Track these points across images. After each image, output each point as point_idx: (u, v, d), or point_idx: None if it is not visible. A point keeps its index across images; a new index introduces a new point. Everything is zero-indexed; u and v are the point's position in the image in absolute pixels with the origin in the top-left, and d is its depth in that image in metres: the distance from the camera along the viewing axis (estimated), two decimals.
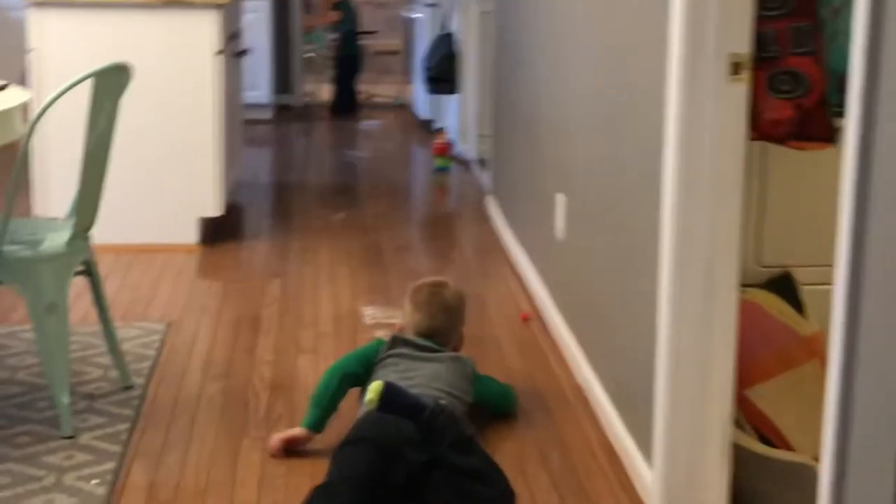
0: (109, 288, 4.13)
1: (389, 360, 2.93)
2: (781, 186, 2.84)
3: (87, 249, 3.04)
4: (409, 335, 3.04)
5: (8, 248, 2.84)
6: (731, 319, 2.47)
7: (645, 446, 2.69)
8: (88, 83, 2.77)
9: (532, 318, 3.90)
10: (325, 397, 2.90)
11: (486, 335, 3.75)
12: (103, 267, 4.35)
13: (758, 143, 2.69)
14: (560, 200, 3.66)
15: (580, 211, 3.44)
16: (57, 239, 2.93)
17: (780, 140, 2.44)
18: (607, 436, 3.00)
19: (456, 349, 3.11)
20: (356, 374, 2.92)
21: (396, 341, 2.98)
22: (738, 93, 2.30)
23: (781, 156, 2.76)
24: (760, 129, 2.40)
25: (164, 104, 4.56)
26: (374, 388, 2.59)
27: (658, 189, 2.51)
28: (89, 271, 3.10)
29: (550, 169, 3.86)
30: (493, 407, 3.10)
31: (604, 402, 3.08)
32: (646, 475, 2.66)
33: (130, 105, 4.43)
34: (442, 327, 3.07)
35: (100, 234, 4.49)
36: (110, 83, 2.82)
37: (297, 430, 2.87)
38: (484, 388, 3.05)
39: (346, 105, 8.34)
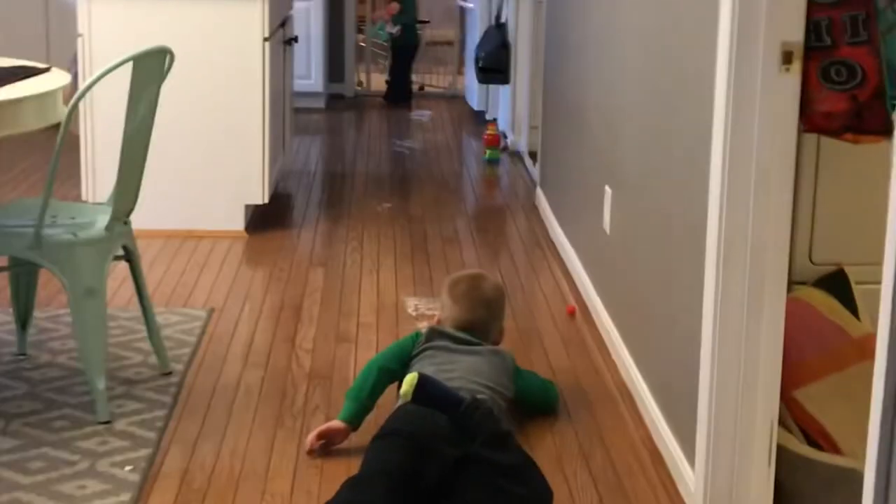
0: (155, 273, 4.13)
1: (427, 353, 2.88)
2: (835, 181, 2.76)
3: (127, 234, 3.02)
4: (448, 328, 2.99)
5: (47, 231, 2.83)
6: (779, 319, 2.39)
7: (688, 447, 2.61)
8: (130, 68, 2.75)
9: (578, 311, 3.83)
10: (361, 393, 2.85)
11: (532, 329, 3.69)
12: (150, 252, 4.36)
13: (811, 136, 2.61)
14: (607, 193, 3.59)
15: (627, 204, 3.37)
16: (96, 223, 2.91)
17: (835, 133, 2.36)
18: (651, 435, 2.93)
19: (496, 343, 3.05)
20: (393, 369, 2.87)
21: (434, 334, 2.93)
22: (789, 83, 2.22)
23: (835, 149, 2.67)
24: (813, 121, 2.32)
25: (212, 91, 4.54)
26: (408, 379, 2.55)
27: (705, 182, 2.44)
28: (129, 256, 3.08)
29: (598, 161, 3.79)
30: (535, 403, 3.04)
31: (648, 399, 3.01)
32: (688, 476, 2.59)
33: (178, 91, 4.44)
34: (481, 321, 3.01)
35: (148, 220, 4.51)
36: (150, 67, 2.79)
37: (334, 423, 2.83)
38: (525, 384, 3.00)
39: (401, 94, 8.30)
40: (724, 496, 2.43)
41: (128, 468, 2.63)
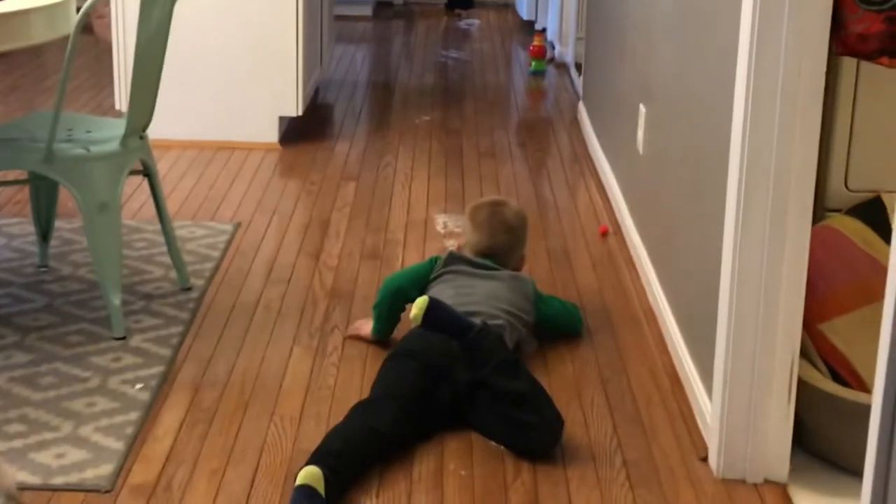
0: (185, 185, 4.09)
1: (446, 277, 2.82)
2: (875, 105, 2.63)
3: (144, 149, 2.97)
4: (468, 254, 2.92)
5: (60, 146, 2.78)
6: (803, 248, 2.28)
7: (707, 377, 2.54)
8: None
9: (610, 232, 3.74)
10: (381, 313, 2.85)
11: (563, 248, 3.61)
12: (182, 163, 4.32)
13: (849, 59, 2.47)
14: (642, 112, 3.47)
15: (659, 124, 3.25)
16: (112, 138, 2.86)
17: (869, 56, 2.23)
18: (674, 362, 2.86)
19: (516, 270, 2.98)
20: (409, 291, 2.82)
21: (453, 258, 2.87)
22: (819, 2, 2.09)
23: (876, 73, 2.54)
24: (846, 43, 2.19)
25: None
26: (419, 303, 2.49)
27: (730, 105, 2.32)
28: (147, 171, 3.03)
29: (634, 78, 3.67)
30: (558, 327, 2.98)
31: (672, 326, 2.93)
32: (706, 408, 2.52)
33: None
34: (502, 247, 2.94)
35: (180, 130, 4.48)
36: None
37: (368, 334, 2.87)
38: (548, 309, 2.93)
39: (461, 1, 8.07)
40: (741, 431, 2.35)
41: (138, 386, 2.62)
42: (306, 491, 2.16)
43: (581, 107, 5.06)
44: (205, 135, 4.53)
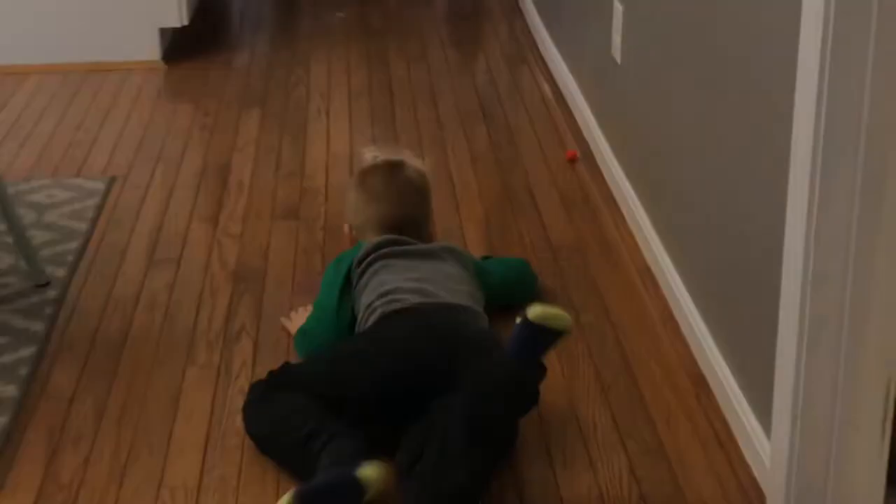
0: (44, 128, 3.28)
1: (378, 266, 2.07)
2: None
3: None
4: (370, 236, 2.17)
5: None
6: None
7: (748, 378, 1.86)
8: None
9: (579, 157, 3.02)
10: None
11: (521, 182, 2.90)
12: (42, 95, 3.51)
13: None
14: (618, 10, 2.71)
15: (649, 24, 2.50)
16: None
17: None
18: (694, 355, 2.16)
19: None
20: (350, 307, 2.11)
21: (370, 249, 2.11)
22: None
23: None
24: None
25: None
26: (557, 313, 1.75)
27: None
28: None
29: None
30: (509, 295, 2.26)
31: (684, 299, 2.23)
32: (757, 440, 1.84)
33: None
34: (415, 214, 2.22)
35: (40, 53, 3.66)
36: None
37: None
38: (492, 278, 2.21)
39: None
40: (818, 480, 1.68)
41: None
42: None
43: None
44: (69, 56, 3.70)
